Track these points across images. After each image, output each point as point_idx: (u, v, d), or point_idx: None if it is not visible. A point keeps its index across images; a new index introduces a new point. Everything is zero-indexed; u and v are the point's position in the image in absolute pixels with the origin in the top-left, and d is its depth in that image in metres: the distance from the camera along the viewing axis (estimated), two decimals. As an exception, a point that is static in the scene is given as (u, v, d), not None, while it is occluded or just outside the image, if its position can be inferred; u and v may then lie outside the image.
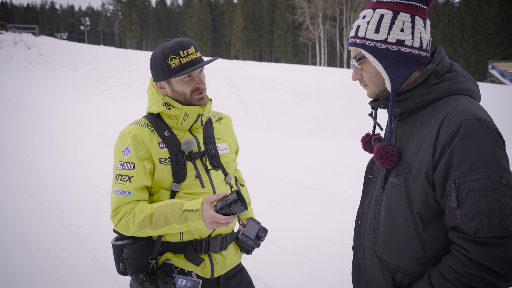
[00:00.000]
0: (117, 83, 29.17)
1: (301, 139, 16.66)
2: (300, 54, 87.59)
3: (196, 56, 2.66)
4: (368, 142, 2.37)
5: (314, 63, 77.96)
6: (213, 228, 2.45)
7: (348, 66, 63.54)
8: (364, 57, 2.11)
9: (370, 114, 2.32)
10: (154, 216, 2.53)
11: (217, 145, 2.86)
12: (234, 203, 2.37)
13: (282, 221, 7.33)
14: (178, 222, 2.49)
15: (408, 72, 2.07)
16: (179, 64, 2.62)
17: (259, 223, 3.11)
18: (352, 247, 2.41)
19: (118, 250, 2.75)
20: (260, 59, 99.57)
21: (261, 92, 23.30)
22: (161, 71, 2.66)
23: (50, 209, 7.90)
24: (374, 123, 2.36)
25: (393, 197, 2.07)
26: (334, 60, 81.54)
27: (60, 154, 12.62)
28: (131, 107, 21.93)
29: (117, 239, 2.79)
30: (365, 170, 2.36)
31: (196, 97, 2.70)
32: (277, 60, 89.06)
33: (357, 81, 2.23)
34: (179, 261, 2.71)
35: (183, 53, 2.62)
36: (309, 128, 18.33)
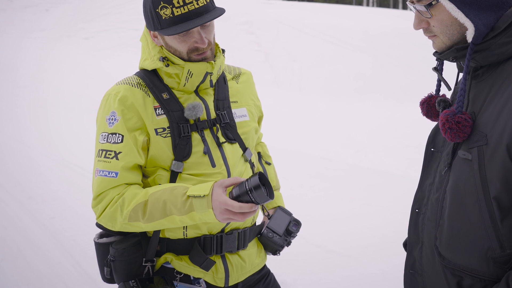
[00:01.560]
0: (101, 29, 29.15)
1: (343, 102, 16.57)
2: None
3: (196, 6, 2.54)
4: (433, 106, 2.35)
5: (359, 3, 77.26)
6: (226, 221, 2.42)
7: (405, 7, 62.86)
8: (437, 1, 2.07)
9: (435, 68, 2.30)
10: (149, 204, 2.51)
11: (233, 110, 2.83)
12: (256, 189, 2.31)
13: (318, 210, 7.35)
14: (180, 212, 2.46)
15: (494, 18, 2.04)
16: (171, 16, 2.53)
17: (289, 214, 3.10)
18: (404, 243, 2.43)
19: (102, 250, 2.75)
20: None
21: (290, 40, 23.13)
22: (151, 19, 2.61)
23: (14, 194, 7.97)
24: (438, 80, 2.34)
25: (463, 176, 2.05)
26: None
27: (26, 121, 12.71)
28: (119, 60, 21.95)
29: (101, 235, 2.79)
30: (427, 142, 2.34)
31: (196, 57, 2.64)
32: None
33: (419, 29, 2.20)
34: (182, 265, 2.70)
35: (178, 2, 2.53)
36: (353, 88, 18.20)
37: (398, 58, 20.31)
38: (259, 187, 2.31)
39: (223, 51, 2.81)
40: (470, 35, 2.04)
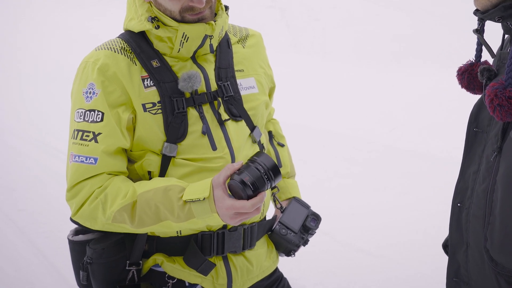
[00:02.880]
0: (84, -18, 29.20)
1: (376, 69, 16.51)
2: None
3: None
4: (475, 76, 2.33)
5: None
6: (239, 223, 2.41)
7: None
8: None
9: (477, 30, 2.29)
10: (138, 207, 2.48)
11: (239, 80, 2.79)
12: (274, 171, 2.31)
13: (345, 201, 7.38)
14: (177, 219, 2.44)
15: None
16: None
17: (307, 206, 3.08)
18: (444, 244, 2.45)
19: (77, 250, 2.73)
20: None
21: (312, -6, 23.10)
22: None
23: (-23, 182, 8.00)
24: (478, 43, 2.33)
25: (517, 162, 2.02)
26: None
27: (-3, 94, 12.75)
28: (107, 19, 21.92)
29: (76, 232, 2.77)
30: (468, 121, 2.32)
31: (191, 17, 2.59)
32: None
33: None
34: (175, 268, 2.68)
35: None
36: (389, 52, 18.12)
37: (443, 16, 20.20)
38: (276, 167, 2.31)
39: (226, 8, 2.77)
40: None
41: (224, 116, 2.69)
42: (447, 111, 11.38)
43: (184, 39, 2.60)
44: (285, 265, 3.48)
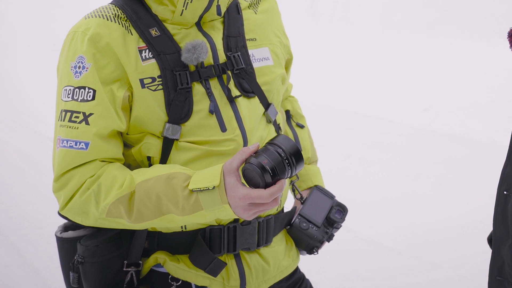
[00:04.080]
0: None
1: (407, 40, 16.47)
2: None
3: None
4: None
5: None
6: (253, 217, 2.37)
7: None
8: None
9: None
10: (137, 199, 2.46)
11: (251, 51, 2.78)
12: (296, 156, 2.28)
13: (372, 192, 7.39)
14: (182, 212, 2.42)
15: None
16: None
17: (331, 196, 3.08)
18: (490, 238, 2.43)
19: (66, 248, 2.72)
20: None
21: (332, -46, 23.02)
22: None
23: None
24: None
25: None
26: None
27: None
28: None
29: (65, 228, 2.76)
30: None
31: None
32: None
33: None
34: (179, 268, 2.68)
35: None
36: (423, 20, 18.05)
37: (486, -23, 20.13)
38: (299, 152, 2.28)
39: (236, -31, 2.77)
40: None
41: (235, 92, 2.66)
42: (490, 88, 11.35)
43: None
44: (303, 266, 3.46)
